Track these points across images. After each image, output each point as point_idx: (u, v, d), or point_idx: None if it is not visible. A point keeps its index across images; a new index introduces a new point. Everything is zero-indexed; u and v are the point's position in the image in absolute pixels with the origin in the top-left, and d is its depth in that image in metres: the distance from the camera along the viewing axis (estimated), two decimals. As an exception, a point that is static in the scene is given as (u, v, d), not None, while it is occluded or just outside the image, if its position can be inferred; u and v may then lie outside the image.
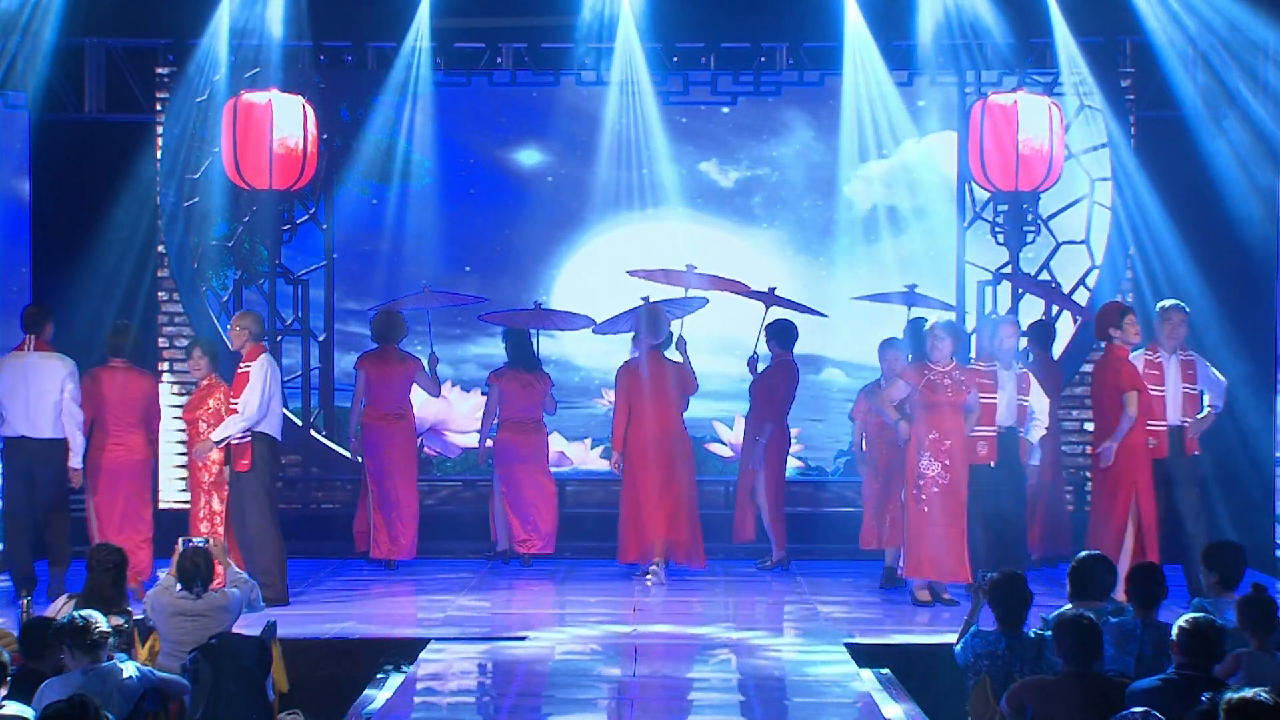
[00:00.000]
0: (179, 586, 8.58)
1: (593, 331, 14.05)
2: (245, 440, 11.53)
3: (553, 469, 13.79)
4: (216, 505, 11.79)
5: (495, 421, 13.42)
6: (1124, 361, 11.49)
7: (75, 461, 11.68)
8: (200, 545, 8.80)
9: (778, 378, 13.27)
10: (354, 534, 13.49)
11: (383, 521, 13.20)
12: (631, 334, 12.99)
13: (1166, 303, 11.85)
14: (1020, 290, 13.64)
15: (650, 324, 12.71)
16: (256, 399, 11.47)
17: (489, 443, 13.49)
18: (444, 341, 14.39)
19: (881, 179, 14.83)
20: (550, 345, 14.57)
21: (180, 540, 8.90)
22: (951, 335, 11.67)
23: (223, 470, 11.70)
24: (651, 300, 13.35)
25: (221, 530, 11.58)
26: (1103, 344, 11.71)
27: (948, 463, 11.40)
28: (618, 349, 13.53)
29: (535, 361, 13.50)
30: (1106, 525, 11.32)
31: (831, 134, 14.74)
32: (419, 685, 9.21)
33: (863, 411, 12.73)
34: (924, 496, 11.42)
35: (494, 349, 14.12)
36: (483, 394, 14.14)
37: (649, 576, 12.56)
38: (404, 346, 13.43)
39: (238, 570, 9.33)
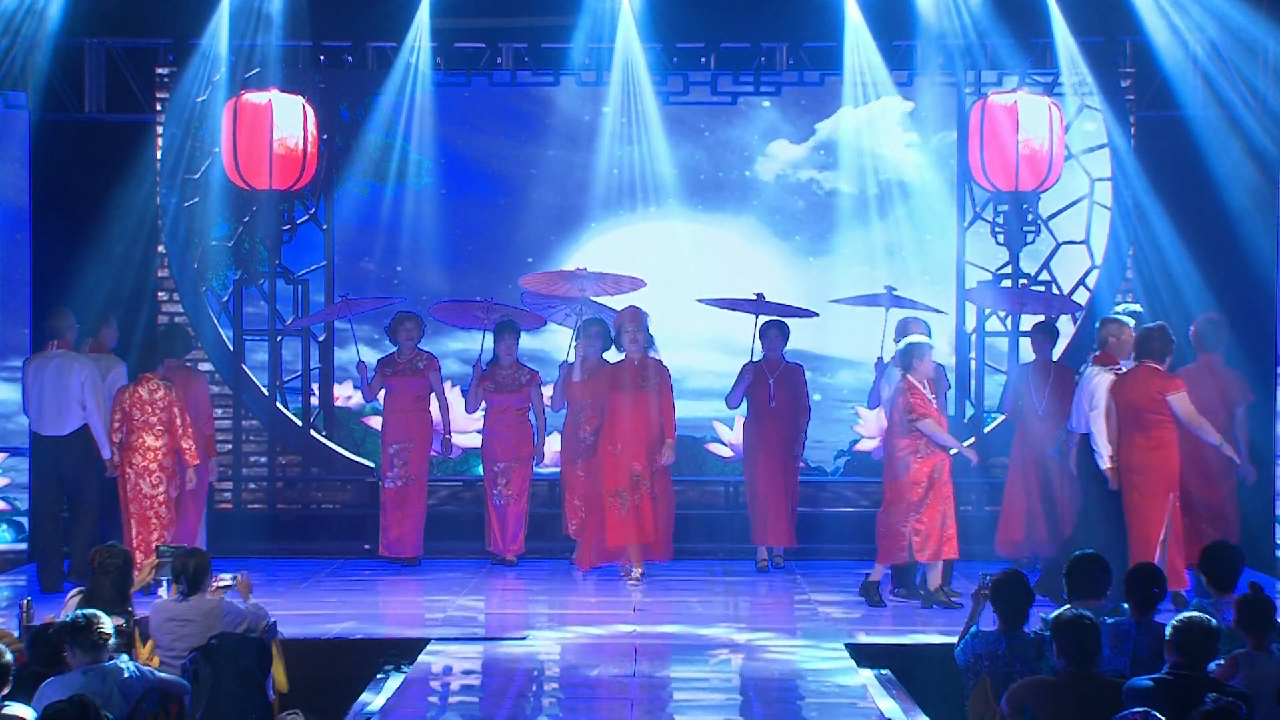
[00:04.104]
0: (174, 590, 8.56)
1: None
2: None
3: (552, 469, 13.77)
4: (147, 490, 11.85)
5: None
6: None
7: (106, 452, 11.88)
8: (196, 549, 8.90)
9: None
10: (390, 541, 13.31)
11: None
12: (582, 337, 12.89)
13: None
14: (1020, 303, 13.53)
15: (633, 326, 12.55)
16: None
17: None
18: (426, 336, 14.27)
19: (870, 169, 14.85)
20: (535, 341, 14.58)
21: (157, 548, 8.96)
22: None
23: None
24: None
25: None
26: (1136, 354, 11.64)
27: None
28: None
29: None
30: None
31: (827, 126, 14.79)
32: (419, 685, 9.21)
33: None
34: None
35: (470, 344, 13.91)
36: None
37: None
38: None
39: (257, 604, 8.82)
